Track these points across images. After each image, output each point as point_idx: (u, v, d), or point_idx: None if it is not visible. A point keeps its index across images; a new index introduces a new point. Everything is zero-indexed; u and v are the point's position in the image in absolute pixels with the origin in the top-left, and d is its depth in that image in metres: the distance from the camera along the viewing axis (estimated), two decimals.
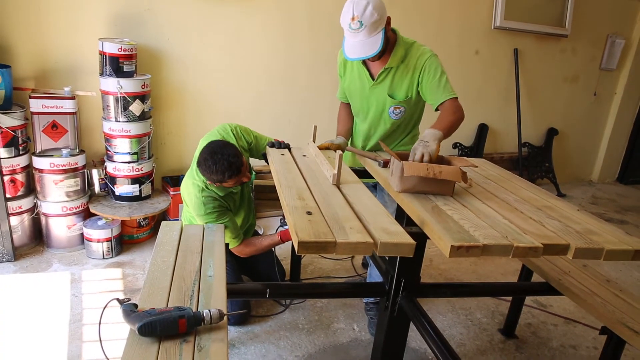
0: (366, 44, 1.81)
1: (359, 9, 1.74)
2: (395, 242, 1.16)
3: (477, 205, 1.52)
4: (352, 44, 1.83)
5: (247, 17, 3.22)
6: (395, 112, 2.06)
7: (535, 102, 4.59)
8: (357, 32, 1.78)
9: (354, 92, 2.14)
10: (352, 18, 1.76)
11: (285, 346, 2.12)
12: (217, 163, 1.85)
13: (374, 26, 1.77)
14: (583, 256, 1.29)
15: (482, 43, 4.11)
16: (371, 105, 2.10)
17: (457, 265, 3.03)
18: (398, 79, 1.99)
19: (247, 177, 2.00)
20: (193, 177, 2.05)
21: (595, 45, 4.64)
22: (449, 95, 1.93)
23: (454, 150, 4.30)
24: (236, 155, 1.88)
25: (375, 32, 1.79)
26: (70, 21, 2.78)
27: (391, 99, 2.03)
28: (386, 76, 2.00)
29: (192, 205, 2.03)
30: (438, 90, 1.93)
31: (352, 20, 1.76)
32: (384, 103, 2.05)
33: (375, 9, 1.74)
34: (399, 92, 2.02)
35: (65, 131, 2.71)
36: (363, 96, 2.10)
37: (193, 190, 2.02)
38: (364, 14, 1.74)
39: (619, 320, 1.63)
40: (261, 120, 3.44)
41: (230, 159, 1.86)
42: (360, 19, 1.75)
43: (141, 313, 1.23)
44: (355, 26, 1.77)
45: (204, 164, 1.89)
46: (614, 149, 5.19)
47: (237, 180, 1.94)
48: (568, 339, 2.36)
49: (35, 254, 2.73)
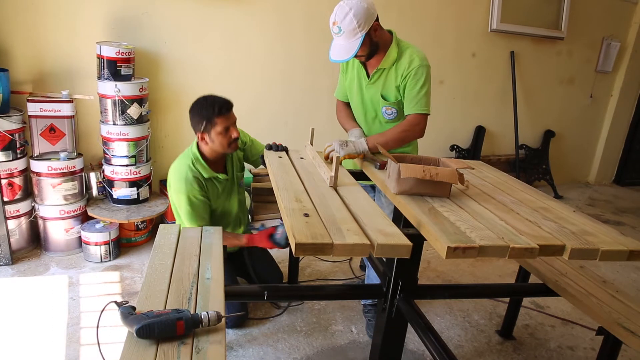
0: (344, 48, 1.89)
1: (340, 15, 1.83)
2: (392, 244, 1.17)
3: (474, 207, 1.53)
4: (334, 46, 1.93)
5: (244, 19, 3.23)
6: (387, 112, 2.10)
7: (532, 104, 4.61)
8: (338, 36, 1.89)
9: (353, 91, 2.20)
10: (333, 23, 1.87)
11: (283, 348, 2.12)
12: (208, 98, 2.01)
13: (352, 32, 1.84)
14: (579, 257, 1.29)
15: (479, 46, 4.13)
16: (367, 105, 2.15)
17: (454, 267, 3.04)
18: (389, 81, 2.05)
19: (237, 132, 2.06)
20: (184, 155, 2.12)
21: (591, 47, 4.67)
22: (418, 110, 2.00)
23: (452, 152, 4.31)
24: (223, 97, 2.03)
25: (353, 38, 1.86)
26: (68, 25, 2.78)
27: (383, 100, 2.08)
28: (379, 76, 2.06)
29: (174, 179, 2.06)
30: (412, 101, 2.00)
31: (333, 25, 1.87)
32: (377, 102, 2.11)
33: (355, 16, 1.81)
34: (389, 93, 2.06)
35: (63, 134, 2.72)
36: (360, 95, 2.16)
37: (179, 166, 2.08)
38: (343, 20, 1.83)
39: (616, 321, 1.64)
40: (258, 122, 3.44)
41: (220, 97, 2.02)
42: (339, 25, 1.84)
43: (139, 315, 1.23)
44: (336, 30, 1.87)
45: (194, 105, 2.03)
46: (611, 151, 5.22)
47: (226, 122, 2.00)
48: (565, 340, 2.37)
49: (33, 258, 2.73)
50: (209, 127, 2.00)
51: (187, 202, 2.04)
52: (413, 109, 2.00)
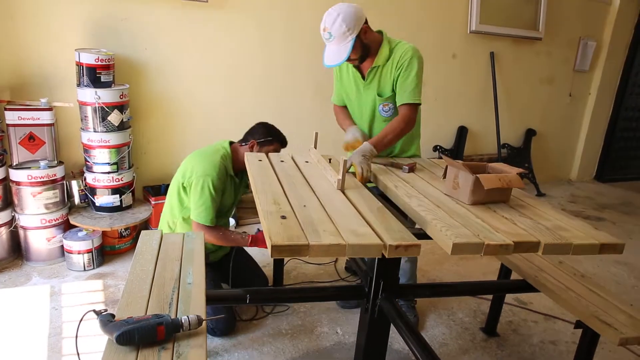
0: (336, 52, 1.94)
1: (329, 21, 1.88)
2: (362, 244, 1.18)
3: (451, 206, 1.55)
4: (327, 51, 1.98)
5: (224, 24, 3.23)
6: (384, 109, 2.14)
7: (513, 104, 4.68)
8: (329, 41, 1.93)
9: (350, 95, 2.24)
10: (323, 29, 1.91)
11: (269, 352, 2.12)
12: (279, 130, 2.34)
13: (343, 37, 1.89)
14: (552, 252, 1.32)
15: (459, 47, 4.19)
16: (365, 106, 2.19)
17: (439, 266, 3.07)
18: (384, 77, 2.08)
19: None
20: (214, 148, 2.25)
21: (569, 47, 4.76)
22: (410, 100, 2.04)
23: (435, 153, 4.36)
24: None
25: (344, 42, 1.91)
26: (46, 31, 2.76)
27: (379, 97, 2.12)
28: (374, 75, 2.09)
29: (204, 162, 2.13)
30: (405, 91, 2.04)
31: (324, 31, 1.92)
32: (374, 102, 2.14)
33: (344, 20, 1.86)
34: (385, 89, 2.10)
35: (42, 143, 2.69)
36: (358, 98, 2.20)
37: (212, 154, 2.20)
38: (333, 26, 1.87)
39: (593, 314, 1.68)
40: (241, 126, 3.44)
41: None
42: (330, 30, 1.89)
43: (118, 322, 1.22)
44: (326, 36, 1.92)
45: (267, 125, 2.33)
46: (591, 148, 5.32)
47: (277, 150, 2.30)
48: (548, 335, 2.40)
49: (14, 268, 2.69)
50: (267, 143, 2.27)
51: (212, 185, 2.09)
52: (405, 99, 2.04)
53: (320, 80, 3.54)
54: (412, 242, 1.20)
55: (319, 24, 1.94)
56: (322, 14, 1.93)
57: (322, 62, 2.00)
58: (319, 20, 1.94)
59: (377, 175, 1.87)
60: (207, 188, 2.08)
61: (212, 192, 2.09)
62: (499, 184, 1.53)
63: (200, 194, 2.09)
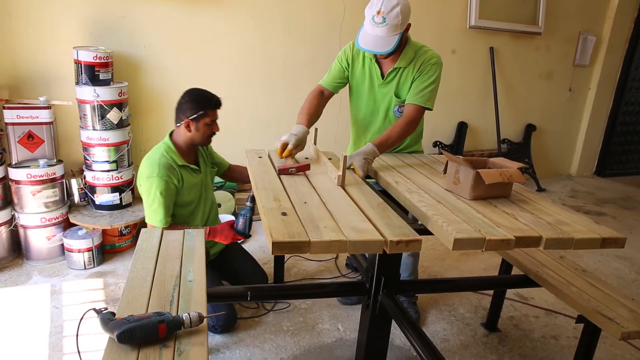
0: (381, 41, 1.86)
1: (388, 6, 1.80)
2: (363, 240, 1.18)
3: (452, 201, 1.55)
4: (368, 35, 1.88)
5: (223, 21, 3.22)
6: (399, 110, 2.11)
7: (513, 99, 4.67)
8: (378, 26, 1.83)
9: (361, 90, 2.17)
10: (378, 12, 1.81)
11: (270, 349, 2.12)
12: (204, 91, 2.13)
13: (394, 27, 1.83)
14: (554, 246, 1.32)
15: (459, 42, 4.17)
16: (378, 104, 2.15)
17: (439, 262, 3.07)
18: (404, 79, 2.06)
19: (218, 128, 2.18)
20: (156, 147, 2.16)
21: (568, 42, 4.74)
22: (420, 102, 2.01)
23: (435, 149, 4.35)
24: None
25: (393, 33, 1.85)
26: (44, 30, 2.75)
27: (396, 99, 2.09)
28: (395, 76, 2.07)
29: (146, 166, 2.07)
30: (417, 93, 2.01)
31: (377, 14, 1.82)
32: (389, 102, 2.11)
33: (402, 12, 1.81)
34: (403, 91, 2.08)
35: (41, 141, 2.68)
36: (371, 94, 2.15)
37: (151, 155, 2.11)
38: (390, 13, 1.80)
39: (594, 309, 1.67)
40: (239, 124, 3.44)
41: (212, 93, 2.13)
42: (385, 16, 1.80)
43: (119, 320, 1.22)
44: (379, 20, 1.82)
45: (190, 93, 2.11)
46: (591, 143, 5.30)
47: (215, 115, 2.13)
48: (549, 330, 2.40)
49: (14, 267, 2.69)
50: (200, 115, 2.08)
51: (158, 185, 2.02)
52: (415, 100, 2.01)
53: (320, 76, 3.52)
54: (413, 237, 1.20)
55: (318, 21, 1.91)
56: (321, 11, 1.90)
57: (357, 42, 1.90)
58: (318, 17, 1.91)
59: (378, 172, 1.86)
60: (152, 189, 2.03)
61: (158, 192, 2.03)
62: (500, 179, 1.52)
63: (147, 196, 2.06)
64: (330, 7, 3.35)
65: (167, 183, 2.05)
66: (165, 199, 2.05)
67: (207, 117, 2.10)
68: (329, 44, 3.42)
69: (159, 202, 2.04)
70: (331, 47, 3.25)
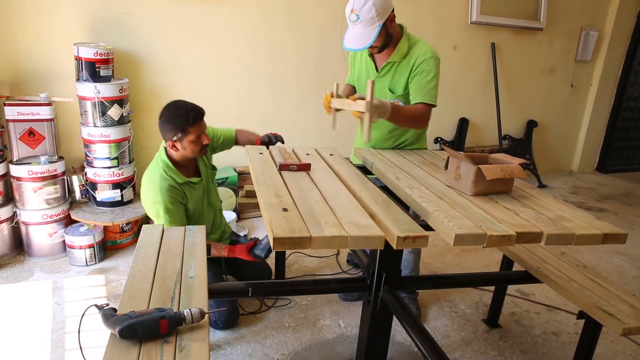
0: (360, 37, 1.87)
1: (359, 3, 1.81)
2: (364, 236, 1.18)
3: (453, 197, 1.55)
4: (349, 34, 1.91)
5: (225, 17, 3.21)
6: None
7: (514, 95, 4.66)
8: (355, 24, 1.86)
9: (360, 84, 2.20)
10: (351, 10, 1.84)
11: (271, 345, 2.13)
12: (180, 107, 1.98)
13: (370, 21, 1.83)
14: (555, 242, 1.31)
15: (460, 38, 4.16)
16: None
17: (440, 258, 3.07)
18: (398, 74, 2.05)
19: (207, 139, 2.05)
20: (154, 164, 2.09)
21: (570, 37, 4.72)
22: (427, 100, 2.00)
23: (436, 145, 4.34)
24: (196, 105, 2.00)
25: (371, 27, 1.84)
26: (45, 26, 2.75)
27: (391, 93, 2.09)
28: (388, 70, 2.06)
29: (149, 191, 2.04)
30: (421, 91, 2.00)
31: (351, 13, 1.84)
32: (384, 96, 2.09)
33: (374, 5, 1.80)
34: (398, 86, 2.07)
35: (42, 138, 2.68)
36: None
37: (152, 177, 2.05)
38: (362, 9, 1.81)
39: (595, 305, 1.67)
40: (243, 121, 3.43)
41: (192, 104, 2.00)
42: (358, 13, 1.82)
43: (121, 316, 1.22)
44: (353, 18, 1.84)
45: (166, 113, 1.98)
46: (593, 139, 5.29)
47: (199, 129, 2.00)
48: (550, 326, 2.41)
49: (16, 264, 2.70)
50: (181, 136, 1.98)
51: (165, 211, 2.02)
52: (422, 98, 1.99)
53: (322, 72, 3.53)
54: (420, 233, 1.20)
55: (321, 16, 1.91)
56: (324, 5, 1.90)
57: (342, 44, 1.92)
58: (321, 13, 1.90)
59: (379, 168, 1.86)
60: (161, 214, 2.03)
61: (168, 216, 2.03)
62: (501, 175, 1.52)
63: (157, 220, 2.06)
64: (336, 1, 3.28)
65: (173, 204, 2.04)
66: (175, 216, 2.06)
67: (190, 135, 1.98)
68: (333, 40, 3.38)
69: (169, 222, 2.05)
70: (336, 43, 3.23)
